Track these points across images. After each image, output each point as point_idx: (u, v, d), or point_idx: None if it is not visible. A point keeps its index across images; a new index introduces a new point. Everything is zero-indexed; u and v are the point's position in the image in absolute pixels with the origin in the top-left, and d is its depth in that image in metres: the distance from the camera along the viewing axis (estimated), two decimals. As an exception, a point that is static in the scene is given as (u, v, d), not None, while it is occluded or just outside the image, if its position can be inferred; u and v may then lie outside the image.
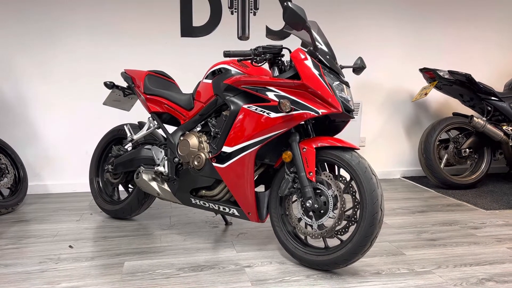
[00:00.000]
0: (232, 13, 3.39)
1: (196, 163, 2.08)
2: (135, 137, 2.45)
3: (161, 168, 2.23)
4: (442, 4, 3.74)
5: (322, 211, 1.80)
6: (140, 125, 2.52)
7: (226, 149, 1.95)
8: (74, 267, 1.90)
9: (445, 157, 3.49)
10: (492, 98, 3.38)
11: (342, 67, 1.98)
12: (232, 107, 1.95)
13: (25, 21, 3.10)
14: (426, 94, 3.40)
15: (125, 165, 2.46)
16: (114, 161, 2.55)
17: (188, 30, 3.33)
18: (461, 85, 3.37)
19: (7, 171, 2.83)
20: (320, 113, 1.74)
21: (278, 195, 1.95)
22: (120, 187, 2.73)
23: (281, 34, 3.42)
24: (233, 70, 2.04)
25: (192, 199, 2.16)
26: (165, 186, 2.26)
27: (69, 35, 3.17)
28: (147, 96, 2.37)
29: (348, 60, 3.47)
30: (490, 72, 3.94)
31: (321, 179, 1.82)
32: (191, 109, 2.22)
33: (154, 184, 2.29)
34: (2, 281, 1.77)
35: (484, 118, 3.36)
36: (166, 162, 2.24)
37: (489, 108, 3.40)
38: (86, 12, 3.17)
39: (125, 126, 2.52)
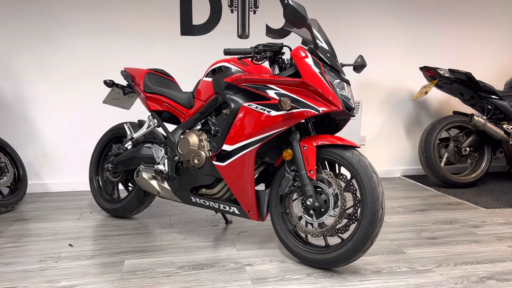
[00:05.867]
0: (232, 12, 3.38)
1: (196, 161, 2.08)
2: (135, 135, 2.44)
3: (161, 167, 2.22)
4: (443, 3, 3.74)
5: (322, 210, 1.79)
6: (140, 123, 2.52)
7: (226, 147, 1.95)
8: (74, 266, 1.90)
9: (445, 156, 3.48)
10: (493, 96, 3.38)
11: (343, 65, 1.97)
12: (232, 105, 1.95)
13: (24, 20, 3.09)
14: (426, 92, 3.39)
15: (125, 164, 2.46)
16: (114, 159, 2.54)
17: (188, 28, 3.33)
18: (461, 83, 3.36)
19: (6, 170, 2.82)
20: (321, 111, 1.74)
21: (279, 193, 1.95)
22: (120, 186, 2.73)
23: (281, 33, 3.40)
24: (234, 68, 2.03)
25: (192, 198, 2.15)
26: (165, 185, 2.25)
27: (69, 34, 3.16)
28: (147, 94, 2.37)
29: (349, 58, 3.47)
30: (490, 70, 3.93)
31: (321, 177, 1.82)
32: (191, 107, 2.21)
33: (154, 183, 2.28)
34: (2, 279, 1.76)
35: (485, 117, 3.36)
36: (166, 160, 2.24)
37: (490, 107, 3.40)
38: (85, 11, 3.16)
39: (125, 125, 2.52)
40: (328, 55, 1.84)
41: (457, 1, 3.76)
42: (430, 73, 3.42)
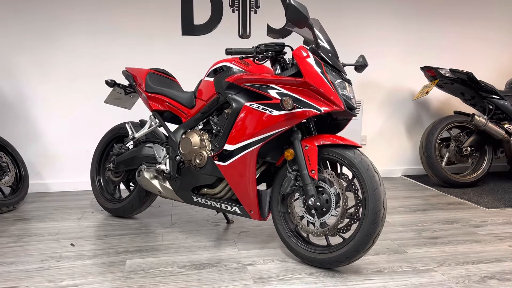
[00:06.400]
0: (233, 12, 3.38)
1: (198, 161, 2.08)
2: (137, 135, 2.45)
3: (162, 166, 2.22)
4: (443, 3, 3.74)
5: (324, 209, 1.80)
6: (142, 123, 2.52)
7: (228, 147, 1.95)
8: (75, 265, 1.90)
9: (446, 156, 3.48)
10: (494, 96, 3.38)
11: (344, 65, 1.97)
12: (234, 105, 1.95)
13: (25, 20, 3.09)
14: (427, 92, 3.39)
15: (127, 163, 2.46)
16: (115, 159, 2.55)
17: (189, 28, 3.33)
18: (462, 83, 3.37)
19: (8, 170, 2.82)
20: (323, 111, 1.74)
21: (280, 193, 1.95)
22: (122, 186, 2.73)
23: (282, 32, 3.42)
24: (235, 68, 2.03)
25: (194, 197, 2.15)
26: (167, 184, 2.26)
27: (69, 34, 3.16)
28: (149, 94, 2.37)
29: (349, 58, 3.47)
30: (491, 70, 3.94)
31: (323, 177, 1.82)
32: (192, 107, 2.21)
33: (155, 182, 2.28)
34: (4, 279, 1.76)
35: (486, 117, 3.36)
36: (167, 160, 2.24)
37: (491, 107, 3.40)
38: (85, 11, 3.16)
39: (126, 124, 2.52)
40: (329, 54, 1.84)
41: (458, 1, 3.77)
42: (431, 73, 3.42)
